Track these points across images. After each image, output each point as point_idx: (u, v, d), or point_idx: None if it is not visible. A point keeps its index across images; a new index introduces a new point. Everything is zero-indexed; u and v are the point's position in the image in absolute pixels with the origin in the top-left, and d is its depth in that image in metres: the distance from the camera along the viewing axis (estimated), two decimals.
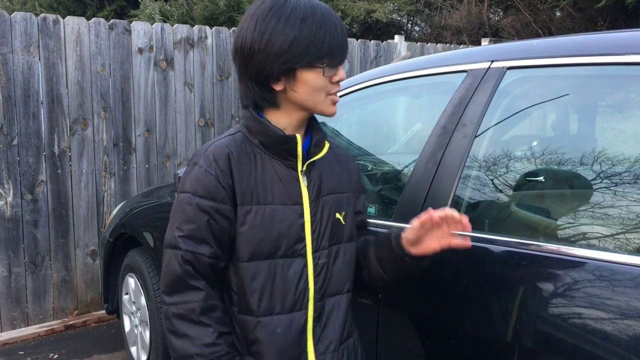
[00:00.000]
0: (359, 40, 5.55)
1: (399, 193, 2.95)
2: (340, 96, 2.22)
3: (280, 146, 1.27)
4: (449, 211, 1.26)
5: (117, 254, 3.29)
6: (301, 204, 1.29)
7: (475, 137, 1.58)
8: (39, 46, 3.61)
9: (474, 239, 1.51)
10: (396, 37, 5.92)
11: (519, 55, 1.61)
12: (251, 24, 1.24)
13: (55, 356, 3.50)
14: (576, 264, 1.33)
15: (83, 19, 3.82)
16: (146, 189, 3.77)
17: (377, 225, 1.79)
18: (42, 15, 3.66)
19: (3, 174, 3.55)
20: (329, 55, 1.23)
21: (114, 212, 3.39)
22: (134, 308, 3.14)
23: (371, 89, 2.11)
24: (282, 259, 1.26)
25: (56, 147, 3.75)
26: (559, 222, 1.55)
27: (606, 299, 1.26)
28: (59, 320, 3.86)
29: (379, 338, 1.67)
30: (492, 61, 1.65)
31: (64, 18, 3.73)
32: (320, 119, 2.55)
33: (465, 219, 1.25)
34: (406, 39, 6.07)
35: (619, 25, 7.60)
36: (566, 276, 1.33)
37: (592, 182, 1.49)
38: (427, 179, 1.65)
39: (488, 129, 1.61)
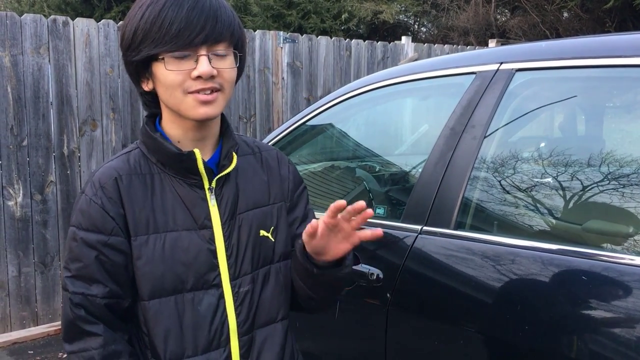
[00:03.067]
0: (366, 41, 5.56)
1: (407, 194, 2.95)
2: (348, 98, 2.23)
3: (177, 165, 1.11)
4: (339, 204, 1.05)
5: None
6: (210, 227, 1.12)
7: (485, 138, 1.59)
8: (48, 48, 3.64)
9: (483, 240, 1.51)
10: (403, 38, 5.93)
11: (527, 57, 1.62)
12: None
13: (64, 355, 3.52)
14: (586, 264, 1.33)
15: (92, 21, 3.85)
16: None
17: (385, 227, 1.80)
18: (52, 17, 3.69)
19: (13, 174, 3.58)
20: (171, 43, 1.04)
21: None
22: None
23: (380, 91, 2.12)
24: (191, 293, 1.10)
25: (65, 147, 3.78)
26: (568, 223, 1.56)
27: (605, 296, 1.26)
28: None
29: (387, 339, 1.67)
30: (501, 63, 1.66)
31: (73, 19, 3.76)
32: (327, 119, 2.57)
33: (362, 207, 1.06)
34: (413, 40, 6.08)
35: (626, 26, 7.58)
36: (573, 277, 1.34)
37: (601, 183, 1.50)
38: (436, 180, 1.66)
39: (497, 130, 1.62)
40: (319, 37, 5.20)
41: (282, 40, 4.88)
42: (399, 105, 2.83)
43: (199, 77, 1.06)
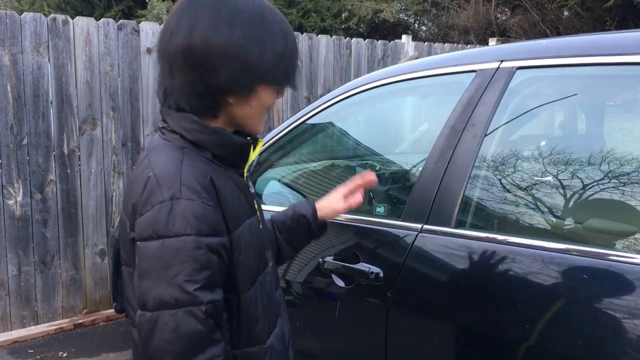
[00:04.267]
0: (367, 40, 5.56)
1: (408, 193, 2.95)
2: (348, 96, 2.23)
3: (238, 154, 1.15)
4: (371, 181, 1.53)
5: None
6: (256, 210, 1.20)
7: (485, 137, 1.59)
8: (48, 46, 3.64)
9: (484, 238, 1.51)
10: (403, 36, 5.92)
11: (528, 55, 1.62)
12: (224, 20, 1.05)
13: (65, 354, 3.52)
14: (587, 263, 1.33)
15: (92, 20, 3.84)
16: None
17: (386, 225, 1.80)
18: (51, 15, 3.68)
19: (13, 173, 3.58)
20: (292, 75, 1.14)
21: None
22: None
23: (380, 89, 2.11)
24: (263, 274, 1.18)
25: (65, 146, 3.78)
26: (569, 222, 1.55)
27: (607, 294, 1.26)
28: (68, 319, 3.88)
29: (387, 338, 1.67)
30: (502, 61, 1.65)
31: (73, 18, 3.76)
32: (328, 118, 2.57)
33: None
34: (413, 39, 6.07)
35: (627, 24, 7.57)
36: (574, 275, 1.33)
37: (602, 182, 1.49)
38: (437, 179, 1.65)
39: (498, 128, 1.62)
40: (319, 35, 5.19)
41: None
42: (399, 103, 2.82)
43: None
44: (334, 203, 1.54)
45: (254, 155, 1.20)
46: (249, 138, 1.17)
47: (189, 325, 0.99)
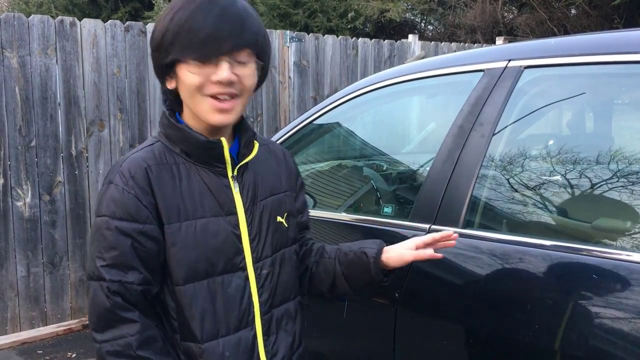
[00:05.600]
0: (373, 39, 5.55)
1: (415, 193, 2.94)
2: (355, 97, 2.22)
3: (205, 153, 1.16)
4: (446, 233, 1.30)
5: None
6: (235, 213, 1.18)
7: (493, 136, 1.58)
8: (56, 48, 3.65)
9: (494, 239, 1.50)
10: (410, 36, 5.91)
11: (536, 54, 1.61)
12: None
13: (74, 355, 3.54)
14: (596, 262, 1.32)
15: (99, 21, 3.86)
16: None
17: (393, 225, 1.80)
18: (59, 17, 3.70)
19: (21, 175, 3.59)
20: (197, 50, 1.09)
21: None
22: None
23: (387, 89, 2.11)
24: (221, 276, 1.16)
25: (73, 148, 3.79)
26: (578, 221, 1.54)
27: (616, 294, 1.25)
28: (77, 320, 3.90)
29: (396, 338, 1.66)
30: (509, 60, 1.64)
31: (80, 20, 3.77)
32: (334, 118, 2.56)
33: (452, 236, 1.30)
34: (419, 38, 6.06)
35: (635, 22, 7.53)
36: (583, 275, 1.33)
37: (610, 181, 1.48)
38: (444, 179, 1.65)
39: (506, 128, 1.61)
40: (326, 36, 5.19)
41: (288, 39, 4.88)
42: (406, 103, 2.82)
43: (218, 82, 1.11)
44: (402, 249, 1.34)
45: (247, 159, 1.21)
46: (222, 139, 1.17)
47: (99, 298, 1.10)
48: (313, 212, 2.29)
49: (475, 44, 7.37)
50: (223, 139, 1.17)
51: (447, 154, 1.67)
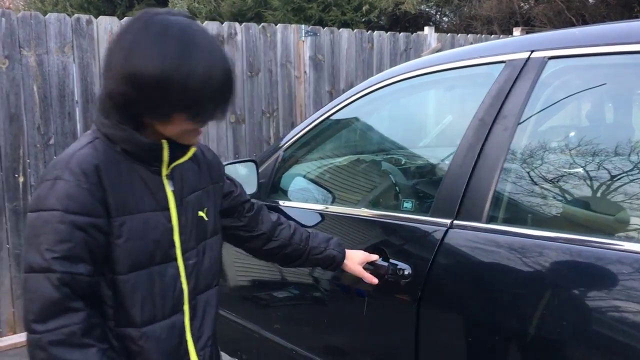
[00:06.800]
0: (389, 32, 5.50)
1: (435, 187, 2.91)
2: (372, 91, 2.20)
3: (146, 154, 1.25)
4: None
5: None
6: (169, 209, 1.29)
7: (517, 129, 1.54)
8: (73, 46, 3.67)
9: (516, 234, 1.47)
10: (426, 28, 5.85)
11: (560, 44, 1.57)
12: (157, 48, 1.13)
13: None
14: (623, 258, 1.28)
15: (115, 19, 3.87)
16: None
17: (413, 221, 1.77)
18: (75, 15, 3.71)
19: (40, 173, 3.62)
20: (211, 113, 1.21)
21: None
22: None
23: (405, 83, 2.08)
24: (159, 266, 1.28)
25: None
26: (606, 215, 1.51)
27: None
28: None
29: (418, 336, 1.64)
30: (532, 51, 1.60)
31: (96, 18, 3.78)
32: (352, 113, 2.54)
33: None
34: (435, 31, 5.99)
35: None
36: (612, 271, 1.29)
37: (637, 174, 1.45)
38: (466, 173, 1.62)
39: (530, 120, 1.57)
40: (341, 29, 5.16)
41: (303, 33, 4.85)
42: (424, 97, 2.78)
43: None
44: (356, 261, 1.72)
45: (180, 160, 1.31)
46: (163, 141, 1.25)
47: (45, 290, 1.14)
48: (332, 208, 2.27)
49: (493, 36, 7.28)
50: (164, 142, 1.25)
51: (469, 147, 1.64)
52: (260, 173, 2.42)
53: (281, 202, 2.33)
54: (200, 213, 1.38)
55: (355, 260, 1.70)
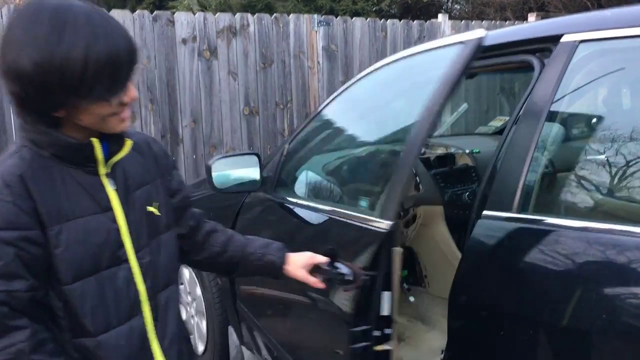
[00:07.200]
0: (402, 20, 5.44)
1: (460, 177, 2.86)
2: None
3: (76, 154, 1.17)
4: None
5: None
6: (112, 209, 1.22)
7: (547, 116, 1.49)
8: None
9: (546, 224, 1.43)
10: (439, 16, 5.77)
11: (592, 26, 1.51)
12: (27, 37, 1.05)
13: None
14: None
15: (127, 12, 3.84)
16: (196, 180, 3.78)
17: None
18: None
19: None
20: (123, 80, 1.11)
21: None
22: (189, 298, 3.16)
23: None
24: (108, 270, 1.20)
25: None
26: None
27: None
28: None
29: (448, 330, 1.60)
30: (562, 34, 1.55)
31: (108, 12, 3.75)
32: (357, 101, 2.49)
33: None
34: (448, 18, 5.91)
35: None
36: None
37: None
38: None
39: (561, 107, 1.52)
40: (354, 18, 5.10)
41: (316, 23, 4.80)
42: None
43: (130, 101, 1.15)
44: (299, 264, 1.55)
45: (118, 156, 1.23)
46: (93, 139, 1.17)
47: None
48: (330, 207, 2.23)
49: (507, 22, 7.17)
50: (95, 140, 1.17)
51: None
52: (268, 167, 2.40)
53: (288, 198, 2.29)
54: (150, 208, 1.31)
55: (297, 264, 1.54)
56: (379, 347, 1.56)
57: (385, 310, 1.55)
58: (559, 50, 1.54)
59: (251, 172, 2.36)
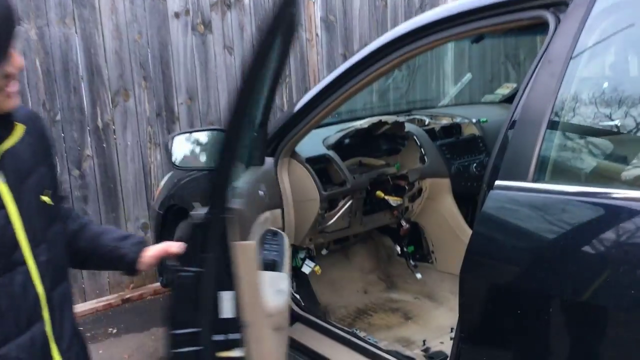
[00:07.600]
0: None
1: (467, 146, 2.74)
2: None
3: None
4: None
5: (168, 225, 3.22)
6: (4, 206, 1.07)
7: (564, 76, 1.37)
8: (74, 17, 3.51)
9: (564, 192, 1.32)
10: None
11: None
12: None
13: (114, 330, 3.49)
14: None
15: None
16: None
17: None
18: None
19: None
20: (5, 47, 0.99)
21: (162, 183, 3.31)
22: None
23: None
24: (2, 278, 1.06)
25: (99, 120, 3.68)
26: None
27: None
28: (116, 295, 3.85)
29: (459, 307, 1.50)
30: None
31: None
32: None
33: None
34: None
35: None
36: None
37: None
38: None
39: (579, 66, 1.40)
40: None
41: None
42: (445, 50, 2.60)
43: (17, 71, 1.04)
44: (152, 254, 1.44)
45: (8, 143, 1.09)
46: None
47: None
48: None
49: None
50: None
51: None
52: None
53: None
54: (43, 197, 1.17)
55: (149, 253, 1.43)
56: (224, 354, 1.41)
57: (227, 313, 1.40)
58: (575, 4, 1.41)
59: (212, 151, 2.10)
